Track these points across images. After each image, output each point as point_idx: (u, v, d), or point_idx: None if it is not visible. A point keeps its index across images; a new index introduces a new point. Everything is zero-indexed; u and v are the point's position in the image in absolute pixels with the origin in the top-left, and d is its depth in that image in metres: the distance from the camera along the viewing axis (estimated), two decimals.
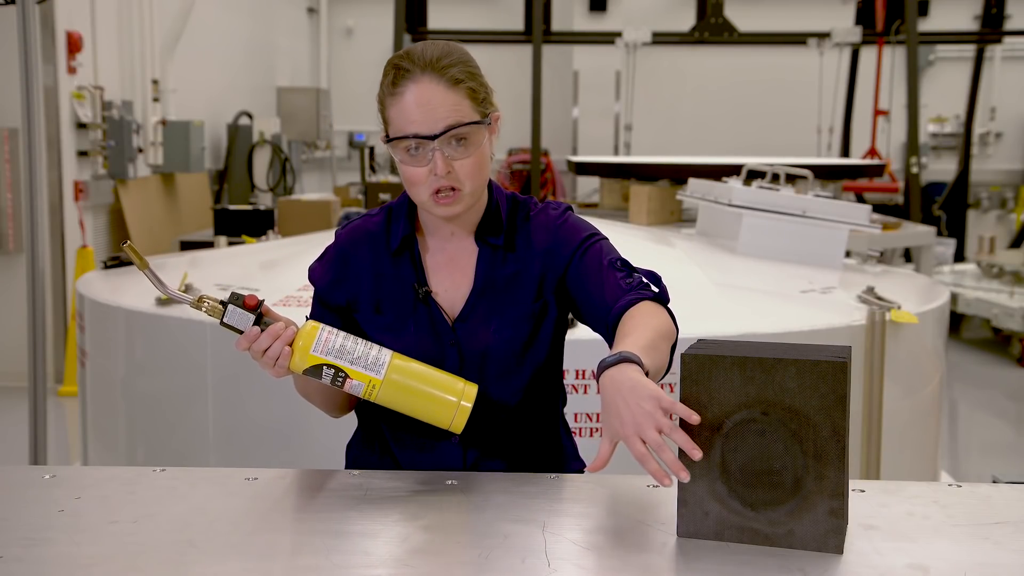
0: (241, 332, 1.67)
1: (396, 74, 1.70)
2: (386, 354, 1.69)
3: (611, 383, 1.48)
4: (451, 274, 1.82)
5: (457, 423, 1.69)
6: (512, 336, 1.80)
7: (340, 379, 1.67)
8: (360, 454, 1.94)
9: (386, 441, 1.88)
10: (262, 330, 1.66)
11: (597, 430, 2.99)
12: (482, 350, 1.79)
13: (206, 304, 1.69)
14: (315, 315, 1.85)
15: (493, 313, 1.80)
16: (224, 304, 1.68)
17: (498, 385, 1.81)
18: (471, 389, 1.70)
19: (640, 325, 1.63)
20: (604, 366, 1.51)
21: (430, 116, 1.67)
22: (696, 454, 1.40)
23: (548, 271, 1.82)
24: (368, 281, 1.82)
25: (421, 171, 1.69)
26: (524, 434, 1.87)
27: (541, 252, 1.82)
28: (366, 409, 1.90)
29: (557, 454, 1.93)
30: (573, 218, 1.86)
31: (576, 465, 1.96)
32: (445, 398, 1.68)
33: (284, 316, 1.71)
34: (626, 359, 1.50)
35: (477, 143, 1.71)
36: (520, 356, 1.81)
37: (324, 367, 1.67)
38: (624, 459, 1.99)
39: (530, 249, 1.82)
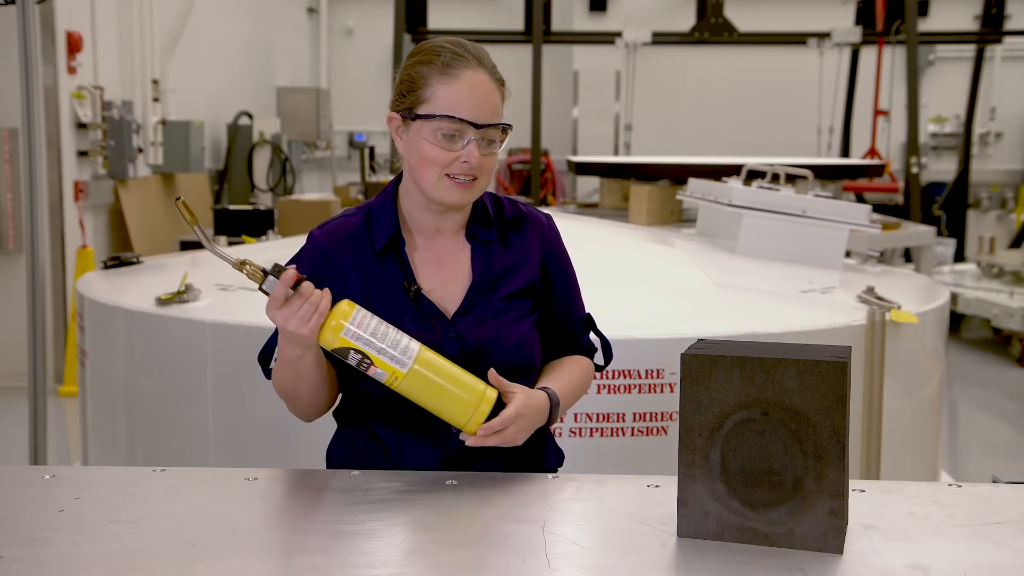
0: None
1: (452, 57, 1.75)
2: (415, 345, 1.69)
3: (537, 401, 1.76)
4: (439, 271, 1.84)
5: (472, 425, 1.69)
6: (511, 326, 1.83)
7: (366, 364, 1.68)
8: (340, 458, 1.90)
9: (371, 437, 1.85)
10: None
11: (597, 430, 2.98)
12: (482, 341, 1.80)
13: (248, 268, 1.68)
14: None
15: (493, 305, 1.83)
16: (265, 272, 1.68)
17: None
18: (492, 393, 1.71)
19: (570, 371, 1.91)
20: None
21: (481, 106, 1.74)
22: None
23: (540, 269, 1.89)
24: (355, 281, 1.81)
25: (448, 154, 1.74)
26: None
27: (537, 250, 1.89)
28: (348, 410, 1.89)
29: (540, 448, 1.92)
30: (557, 231, 1.95)
31: (551, 458, 1.95)
32: (466, 399, 1.69)
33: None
34: (555, 402, 1.80)
35: (500, 145, 1.79)
36: (518, 347, 1.83)
37: (352, 351, 1.67)
38: (624, 460, 1.99)
39: (526, 245, 1.88)
